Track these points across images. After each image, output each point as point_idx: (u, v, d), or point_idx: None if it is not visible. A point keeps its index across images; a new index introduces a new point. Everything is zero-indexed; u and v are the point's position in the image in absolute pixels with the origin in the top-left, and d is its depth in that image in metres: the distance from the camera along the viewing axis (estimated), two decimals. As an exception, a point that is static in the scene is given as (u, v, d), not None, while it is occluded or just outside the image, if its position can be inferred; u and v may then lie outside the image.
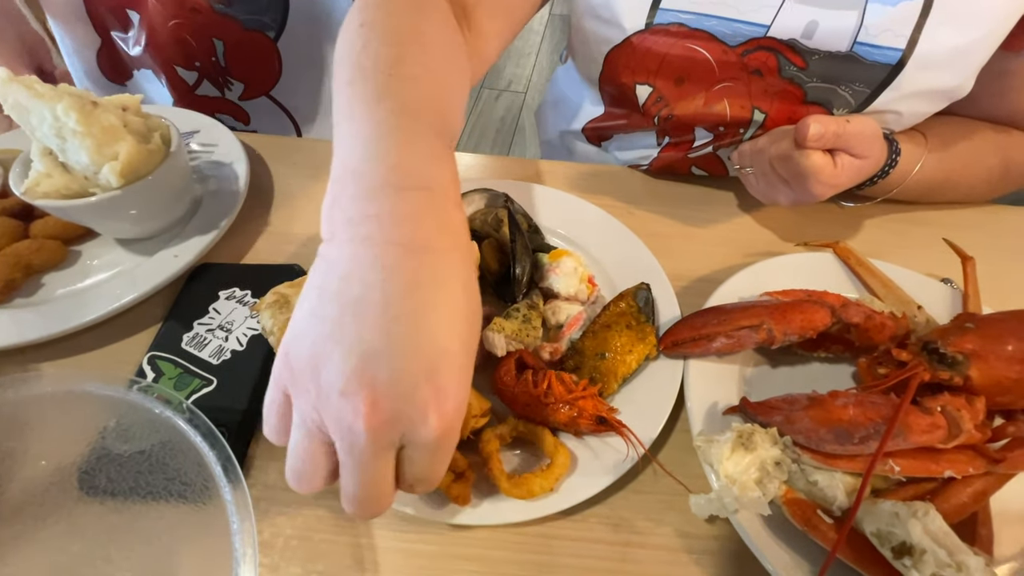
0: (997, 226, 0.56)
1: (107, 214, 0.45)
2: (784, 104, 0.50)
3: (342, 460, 0.24)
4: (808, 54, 0.46)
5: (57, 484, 0.35)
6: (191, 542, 0.33)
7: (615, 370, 0.39)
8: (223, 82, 0.71)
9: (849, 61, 0.45)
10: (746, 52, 0.48)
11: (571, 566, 0.34)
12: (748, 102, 0.51)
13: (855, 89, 0.47)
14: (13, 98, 0.39)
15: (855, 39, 0.44)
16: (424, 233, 0.25)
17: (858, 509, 0.30)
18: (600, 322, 0.42)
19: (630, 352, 0.40)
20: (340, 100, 0.32)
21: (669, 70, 0.51)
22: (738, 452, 0.32)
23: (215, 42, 0.66)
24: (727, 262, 0.51)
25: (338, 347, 0.23)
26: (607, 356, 0.40)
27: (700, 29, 0.48)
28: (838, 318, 0.38)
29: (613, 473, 0.36)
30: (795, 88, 0.49)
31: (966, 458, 0.33)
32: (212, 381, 0.41)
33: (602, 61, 0.54)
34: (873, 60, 0.44)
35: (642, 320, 0.42)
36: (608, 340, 0.40)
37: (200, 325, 0.44)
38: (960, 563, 0.28)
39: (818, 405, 0.33)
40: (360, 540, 0.35)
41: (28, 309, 0.45)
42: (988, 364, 0.32)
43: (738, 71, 0.49)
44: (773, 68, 0.48)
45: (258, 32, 0.66)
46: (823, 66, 0.46)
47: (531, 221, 0.51)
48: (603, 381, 0.39)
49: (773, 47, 0.47)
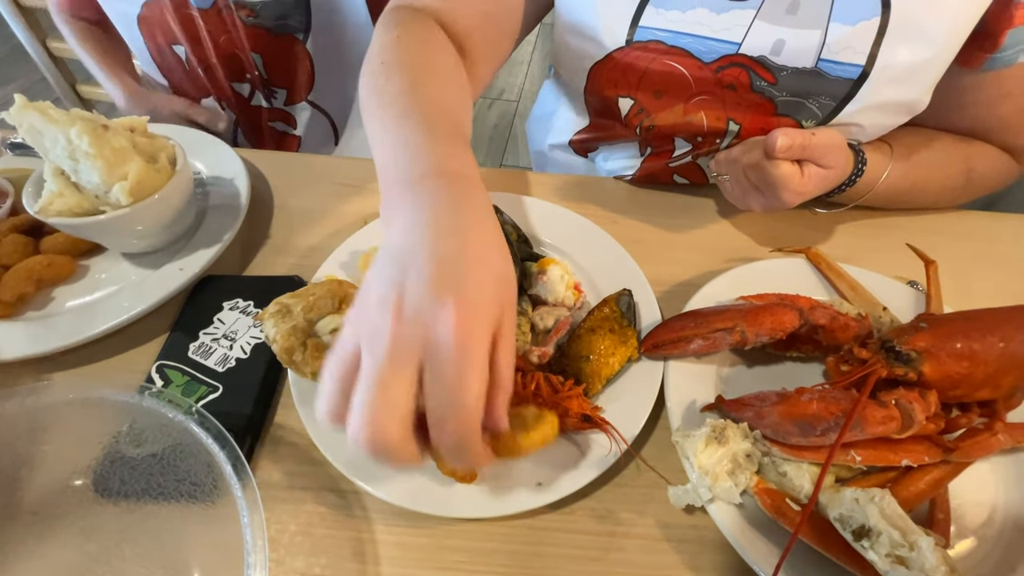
0: (959, 231, 0.59)
1: (116, 231, 0.47)
2: (756, 116, 0.53)
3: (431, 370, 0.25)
4: (777, 70, 0.49)
5: (73, 487, 0.37)
6: (202, 538, 0.35)
7: (599, 372, 0.42)
8: (268, 92, 0.77)
9: (815, 76, 0.48)
10: (720, 68, 0.51)
11: (558, 555, 0.37)
12: (723, 114, 0.54)
13: (821, 102, 0.50)
14: (28, 122, 0.42)
15: (819, 56, 0.47)
16: (466, 195, 0.32)
17: (818, 493, 0.32)
18: (585, 326, 0.45)
19: (613, 355, 0.42)
20: (373, 124, 0.40)
21: (649, 84, 0.54)
22: (712, 445, 0.35)
23: (253, 56, 0.72)
24: (706, 267, 0.53)
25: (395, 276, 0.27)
26: (591, 359, 0.42)
27: (677, 46, 0.51)
28: (806, 320, 0.41)
29: (598, 468, 0.38)
30: (766, 101, 0.52)
31: (922, 448, 0.36)
32: (218, 388, 0.43)
33: (586, 75, 0.57)
34: (836, 75, 0.48)
35: (624, 324, 0.44)
36: (592, 343, 0.43)
37: (205, 335, 0.46)
38: (912, 543, 0.30)
39: (786, 401, 0.36)
40: (360, 535, 0.38)
41: (39, 322, 0.47)
42: (939, 361, 0.35)
43: (713, 85, 0.52)
44: (745, 83, 0.51)
45: (288, 36, 0.71)
46: (791, 81, 0.49)
47: (520, 231, 0.54)
48: (588, 382, 0.42)
49: (744, 63, 0.50)
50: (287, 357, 0.41)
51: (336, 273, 0.49)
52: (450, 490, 0.37)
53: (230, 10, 0.67)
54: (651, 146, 0.61)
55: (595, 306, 0.46)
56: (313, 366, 0.41)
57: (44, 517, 0.36)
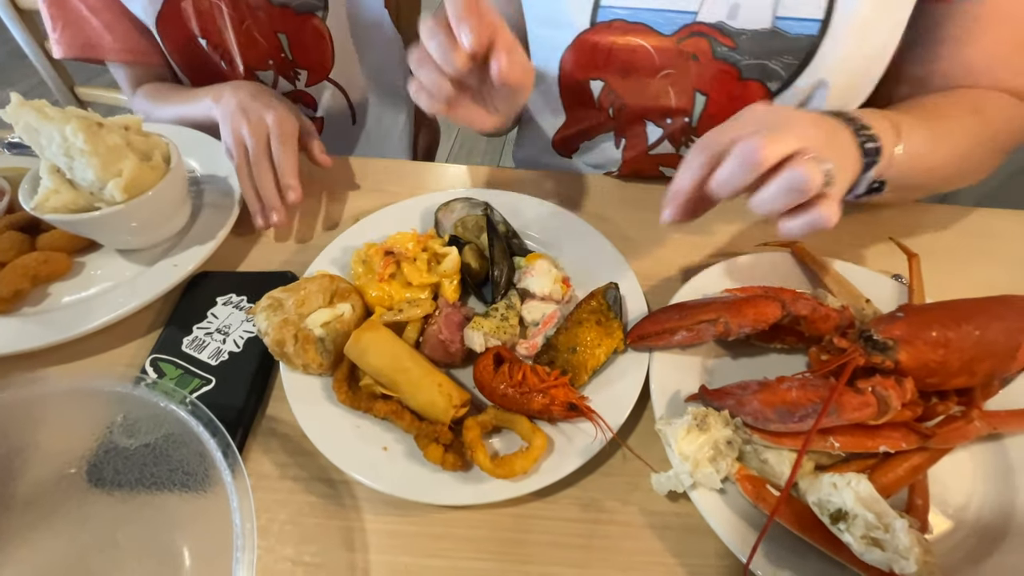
0: (945, 226, 0.59)
1: (111, 227, 0.48)
2: (722, 83, 0.54)
3: None
4: (736, 34, 0.51)
5: (67, 477, 0.38)
6: (193, 525, 0.36)
7: (585, 363, 0.43)
8: (293, 75, 0.77)
9: (774, 36, 0.49)
10: (681, 39, 0.52)
11: (543, 543, 0.37)
12: (689, 85, 0.55)
13: (784, 62, 0.50)
14: (24, 120, 0.42)
15: (775, 14, 0.48)
16: None
17: (795, 476, 0.33)
18: (572, 319, 0.45)
19: (599, 346, 0.43)
20: None
21: (615, 63, 0.56)
22: (693, 432, 0.36)
23: (279, 36, 0.72)
24: (694, 262, 0.54)
25: None
26: (577, 350, 0.43)
27: (638, 22, 0.53)
28: (788, 311, 0.42)
29: (583, 456, 0.39)
30: (729, 67, 0.53)
31: (900, 435, 0.36)
32: (211, 380, 0.44)
33: (558, 64, 0.59)
34: (796, 33, 0.48)
35: (611, 317, 0.45)
36: (579, 335, 0.44)
37: (199, 329, 0.47)
38: (887, 525, 0.31)
39: (766, 389, 0.37)
40: (350, 523, 0.38)
41: (35, 317, 0.48)
42: (915, 348, 0.36)
43: (676, 57, 0.53)
44: (707, 51, 0.52)
45: (309, 15, 0.72)
46: (752, 44, 0.50)
47: (510, 227, 0.54)
48: (574, 373, 0.42)
49: (703, 32, 0.51)
50: (278, 349, 0.42)
51: (327, 269, 0.50)
52: (438, 478, 0.38)
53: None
54: (624, 136, 0.62)
55: (582, 299, 0.47)
56: (304, 358, 0.42)
57: (39, 507, 0.37)
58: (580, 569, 0.36)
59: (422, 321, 0.45)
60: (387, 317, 0.44)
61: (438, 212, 0.55)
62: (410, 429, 0.39)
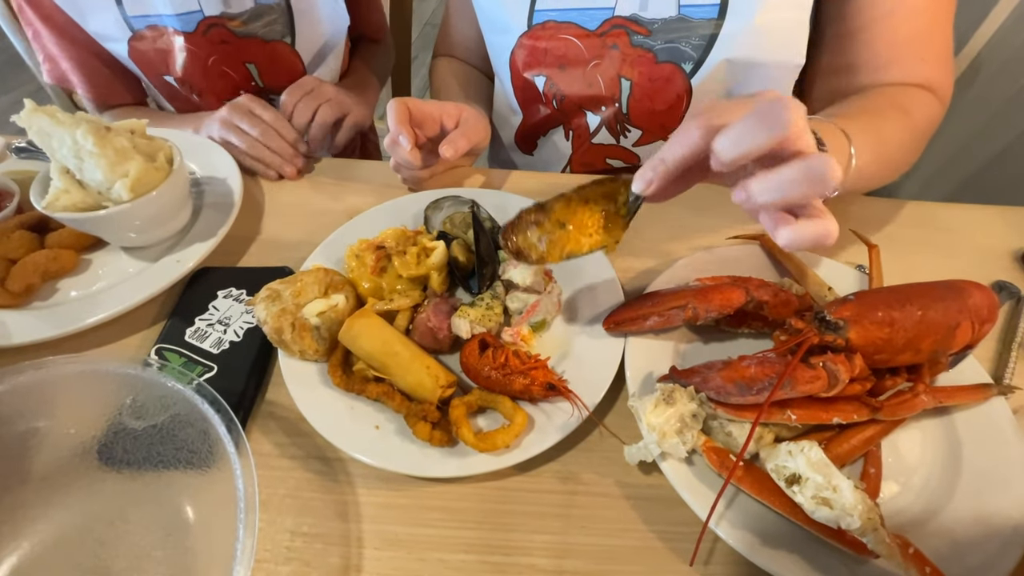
0: (904, 219, 0.63)
1: (117, 224, 0.50)
2: (641, 67, 0.61)
3: None
4: (649, 23, 0.58)
5: (79, 456, 0.40)
6: (199, 499, 0.38)
7: (564, 244, 0.40)
8: (267, 101, 0.79)
9: (681, 22, 0.57)
10: (603, 33, 0.61)
11: (525, 512, 0.40)
12: (615, 73, 0.62)
13: (693, 43, 0.57)
14: (37, 125, 0.45)
15: (680, 3, 0.56)
16: None
17: (751, 440, 0.36)
18: (580, 193, 0.40)
19: (589, 236, 0.40)
20: None
21: (552, 59, 0.64)
22: (660, 406, 0.39)
23: (248, 67, 0.75)
24: (669, 255, 0.57)
25: None
26: (567, 227, 0.40)
27: (566, 21, 0.61)
28: (751, 297, 0.45)
29: (562, 432, 0.41)
30: (646, 52, 0.60)
31: (852, 407, 0.40)
32: (213, 367, 0.46)
33: (508, 65, 0.67)
34: (699, 17, 0.56)
35: (622, 214, 0.40)
36: (577, 214, 0.40)
37: (201, 320, 0.50)
38: (835, 486, 0.34)
39: (728, 367, 0.40)
40: (345, 497, 0.41)
41: (45, 311, 0.51)
42: (863, 327, 0.39)
43: (600, 49, 0.62)
44: (625, 41, 0.60)
45: (278, 42, 0.75)
46: (663, 30, 0.58)
47: (495, 222, 0.57)
48: (549, 247, 0.40)
49: (621, 24, 0.59)
50: (277, 337, 0.45)
51: (322, 263, 0.53)
52: (426, 453, 0.40)
53: (218, 27, 0.70)
54: (571, 128, 0.69)
55: (603, 179, 0.40)
56: (301, 344, 0.45)
57: (52, 483, 0.39)
58: (559, 536, 0.39)
59: (411, 310, 0.48)
60: (379, 306, 0.47)
61: (427, 210, 0.58)
62: (400, 409, 0.42)
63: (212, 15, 0.69)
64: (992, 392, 0.42)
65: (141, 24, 0.69)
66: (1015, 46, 0.92)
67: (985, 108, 0.98)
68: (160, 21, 0.69)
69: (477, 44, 0.71)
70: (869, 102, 0.53)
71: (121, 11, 0.67)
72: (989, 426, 0.42)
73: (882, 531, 0.33)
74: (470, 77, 0.77)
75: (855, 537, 0.34)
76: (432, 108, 0.57)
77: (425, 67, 0.87)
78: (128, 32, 0.69)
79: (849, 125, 0.44)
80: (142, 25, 0.69)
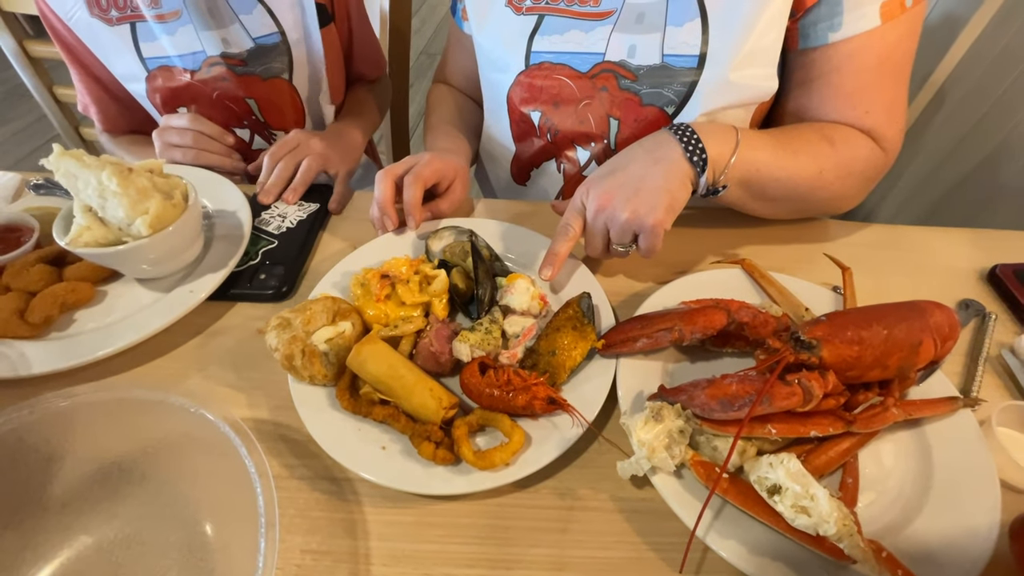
0: (878, 242, 0.67)
1: (135, 258, 0.53)
2: (628, 109, 0.65)
3: None
4: (635, 69, 0.63)
5: (99, 481, 0.42)
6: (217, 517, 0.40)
7: (564, 363, 0.48)
8: (268, 135, 0.85)
9: (664, 69, 0.61)
10: (594, 75, 0.65)
11: (525, 528, 0.42)
12: (604, 113, 0.67)
13: (675, 89, 0.62)
14: (65, 167, 0.49)
15: (663, 52, 0.60)
16: None
17: (733, 453, 0.39)
18: (551, 326, 0.51)
19: (575, 348, 0.49)
20: None
21: (547, 96, 0.69)
22: (650, 423, 0.41)
23: (248, 101, 0.80)
24: (657, 278, 0.61)
25: None
26: (557, 352, 0.49)
27: (560, 63, 0.66)
28: (733, 318, 0.48)
29: (559, 448, 0.44)
30: (632, 96, 0.64)
31: (827, 421, 0.42)
32: (275, 242, 0.63)
33: (505, 102, 0.72)
34: (680, 65, 0.60)
35: (585, 322, 0.51)
36: (557, 340, 0.50)
37: (265, 214, 0.67)
38: (812, 495, 0.37)
39: (712, 385, 0.43)
40: (353, 515, 0.43)
41: (63, 341, 0.53)
42: (835, 346, 0.42)
43: (591, 90, 0.66)
44: (614, 84, 0.64)
45: (276, 79, 0.79)
46: (648, 76, 0.62)
47: (492, 251, 0.61)
48: (555, 373, 0.48)
49: (610, 68, 0.64)
50: (287, 363, 0.47)
51: (329, 292, 0.56)
52: (430, 472, 0.43)
53: (219, 65, 0.75)
54: (563, 160, 0.74)
55: (560, 308, 0.53)
56: (310, 370, 0.47)
57: (73, 508, 0.41)
58: (557, 549, 0.41)
59: (415, 335, 0.51)
60: (384, 332, 0.50)
61: (428, 239, 0.62)
62: (405, 430, 0.45)
63: (213, 55, 0.74)
64: (959, 404, 0.45)
65: (154, 65, 0.74)
66: (975, 78, 0.98)
67: (950, 136, 1.03)
68: (169, 61, 0.74)
69: (473, 74, 0.76)
70: (795, 127, 0.59)
71: (138, 54, 0.73)
72: (957, 437, 0.45)
73: (857, 536, 0.36)
74: (463, 104, 0.84)
75: (833, 543, 0.36)
76: (428, 175, 0.63)
77: (420, 94, 0.93)
78: (145, 72, 0.74)
79: (752, 130, 0.56)
80: (155, 66, 0.74)
